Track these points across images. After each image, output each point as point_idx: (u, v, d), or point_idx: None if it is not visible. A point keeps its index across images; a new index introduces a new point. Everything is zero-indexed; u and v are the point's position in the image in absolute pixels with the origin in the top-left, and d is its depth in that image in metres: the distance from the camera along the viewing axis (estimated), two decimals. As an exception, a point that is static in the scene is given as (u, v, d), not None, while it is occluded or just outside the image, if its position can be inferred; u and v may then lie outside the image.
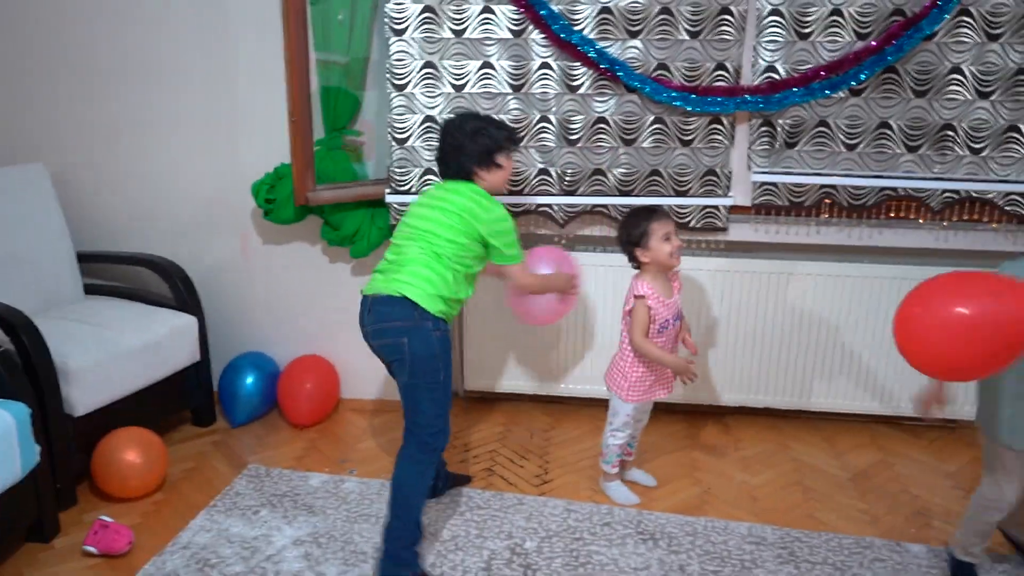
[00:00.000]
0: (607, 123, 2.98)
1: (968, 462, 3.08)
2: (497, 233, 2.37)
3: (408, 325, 2.27)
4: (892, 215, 3.01)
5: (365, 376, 3.46)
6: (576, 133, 3.00)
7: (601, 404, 2.92)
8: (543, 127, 3.01)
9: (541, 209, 3.12)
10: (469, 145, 2.42)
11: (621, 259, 2.68)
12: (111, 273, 3.45)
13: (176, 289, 3.19)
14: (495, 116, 2.88)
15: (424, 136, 3.02)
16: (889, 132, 2.89)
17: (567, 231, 3.18)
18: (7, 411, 2.34)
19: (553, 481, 2.93)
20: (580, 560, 2.47)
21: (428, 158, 3.04)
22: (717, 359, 3.23)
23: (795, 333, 3.17)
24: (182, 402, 3.25)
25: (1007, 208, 2.92)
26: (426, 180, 3.06)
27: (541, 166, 3.06)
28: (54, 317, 2.96)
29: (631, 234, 2.53)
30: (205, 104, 3.25)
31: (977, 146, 2.87)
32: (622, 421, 2.70)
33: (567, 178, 3.06)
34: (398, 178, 3.08)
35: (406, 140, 3.03)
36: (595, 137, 3.01)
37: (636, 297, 2.54)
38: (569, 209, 3.12)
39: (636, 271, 2.62)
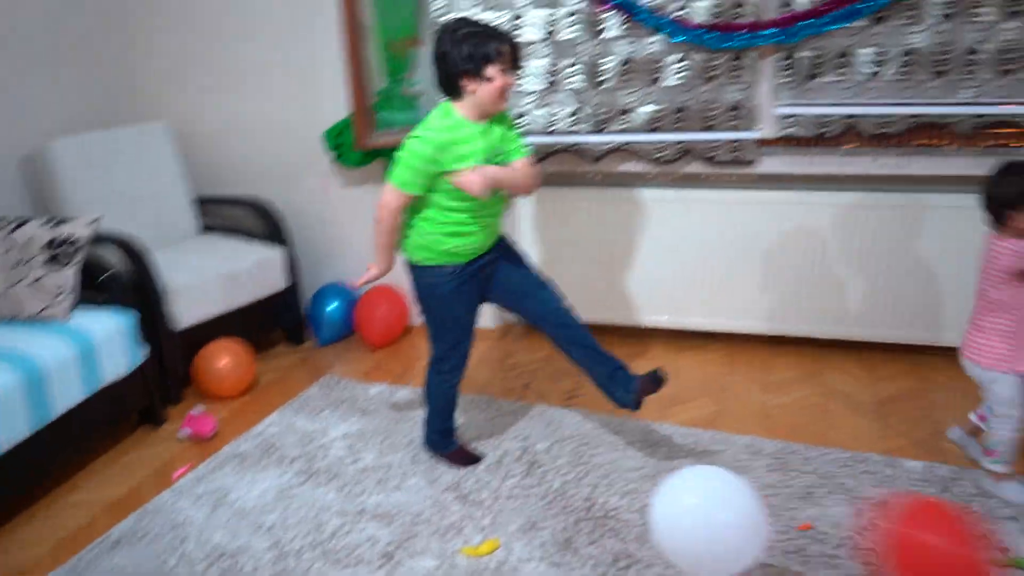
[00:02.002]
0: (633, 64, 3.17)
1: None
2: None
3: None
4: (921, 143, 2.99)
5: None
6: (605, 76, 3.21)
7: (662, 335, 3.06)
8: (572, 71, 3.24)
9: (573, 148, 3.37)
10: (454, 52, 2.24)
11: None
12: (225, 213, 4.02)
13: (269, 225, 3.71)
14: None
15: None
16: (915, 59, 2.88)
17: (600, 167, 3.41)
18: (120, 317, 2.95)
19: (582, 397, 3.19)
20: (582, 461, 2.75)
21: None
22: (758, 288, 3.35)
23: (836, 262, 3.24)
24: (275, 322, 3.79)
25: (1042, 131, 2.84)
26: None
27: (574, 107, 3.29)
28: (168, 250, 3.54)
29: (1006, 194, 2.19)
30: (290, 59, 3.71)
31: (1007, 68, 2.80)
32: (1000, 399, 2.34)
33: (597, 118, 3.27)
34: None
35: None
36: (624, 78, 3.20)
37: None
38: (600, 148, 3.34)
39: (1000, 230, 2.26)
